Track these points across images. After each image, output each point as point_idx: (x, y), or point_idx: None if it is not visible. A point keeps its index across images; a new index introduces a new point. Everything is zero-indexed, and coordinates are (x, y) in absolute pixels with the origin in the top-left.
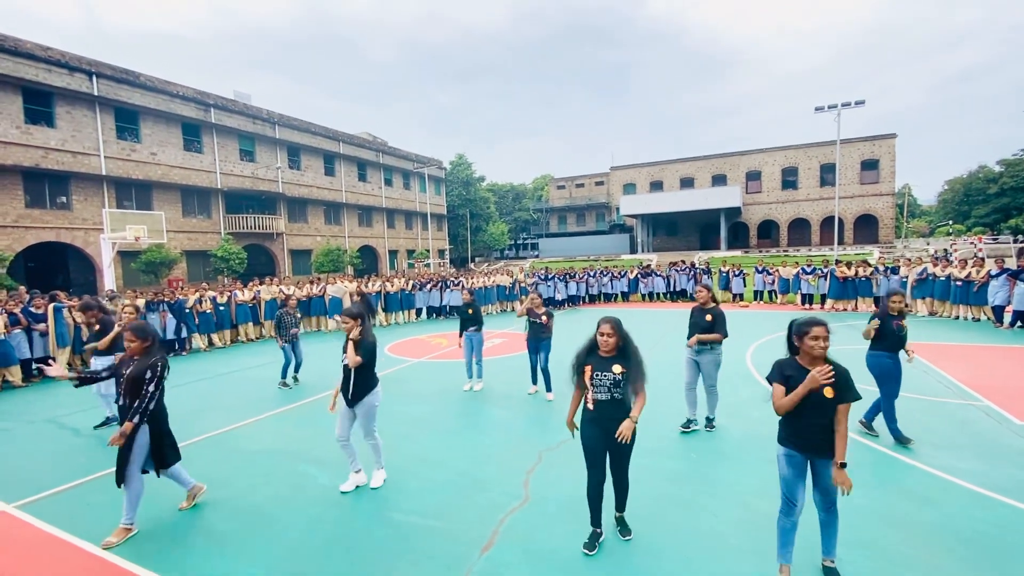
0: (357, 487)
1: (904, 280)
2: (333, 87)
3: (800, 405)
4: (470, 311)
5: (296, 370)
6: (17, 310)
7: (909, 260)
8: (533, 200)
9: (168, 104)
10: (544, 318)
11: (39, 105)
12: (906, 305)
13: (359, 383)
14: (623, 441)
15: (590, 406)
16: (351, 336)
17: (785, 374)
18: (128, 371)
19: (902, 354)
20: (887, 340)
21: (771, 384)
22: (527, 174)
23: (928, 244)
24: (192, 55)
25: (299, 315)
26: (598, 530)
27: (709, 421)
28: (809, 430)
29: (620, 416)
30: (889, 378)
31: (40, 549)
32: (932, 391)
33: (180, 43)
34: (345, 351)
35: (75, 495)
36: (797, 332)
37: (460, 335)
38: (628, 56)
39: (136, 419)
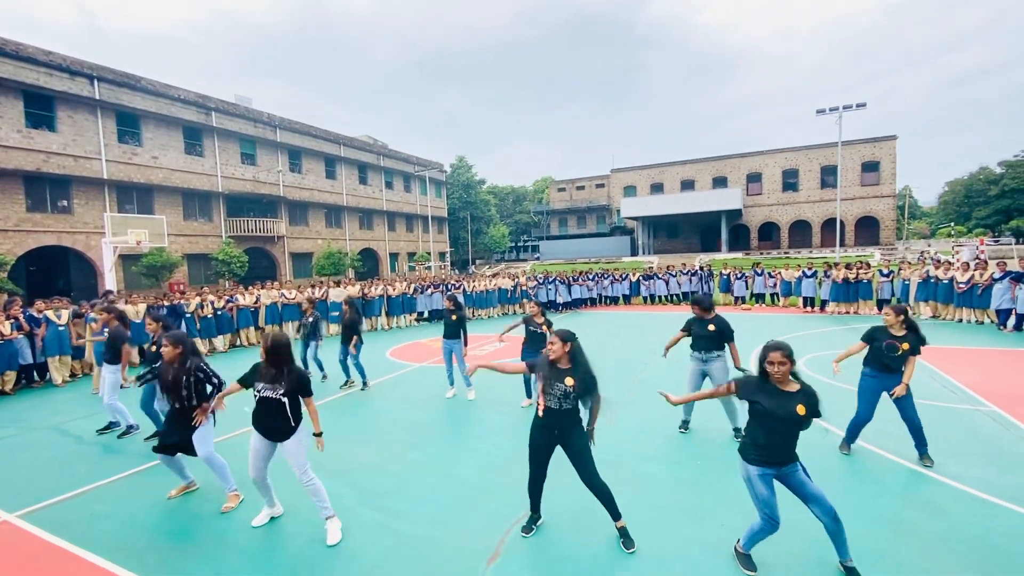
0: (272, 518)
1: (906, 283)
2: (334, 91)
3: (774, 423)
4: (454, 317)
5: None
6: (19, 315)
7: (910, 263)
8: (534, 202)
9: (169, 108)
10: (544, 327)
11: (40, 109)
12: (902, 319)
13: (296, 411)
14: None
15: (540, 413)
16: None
17: (752, 396)
18: (169, 376)
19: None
20: (872, 356)
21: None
22: (528, 176)
23: (929, 245)
24: (192, 59)
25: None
26: (535, 515)
27: (738, 431)
28: (781, 446)
29: (569, 425)
30: (861, 398)
31: (42, 560)
32: (938, 396)
33: (180, 47)
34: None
35: (77, 504)
36: (762, 357)
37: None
38: (629, 59)
39: (213, 399)
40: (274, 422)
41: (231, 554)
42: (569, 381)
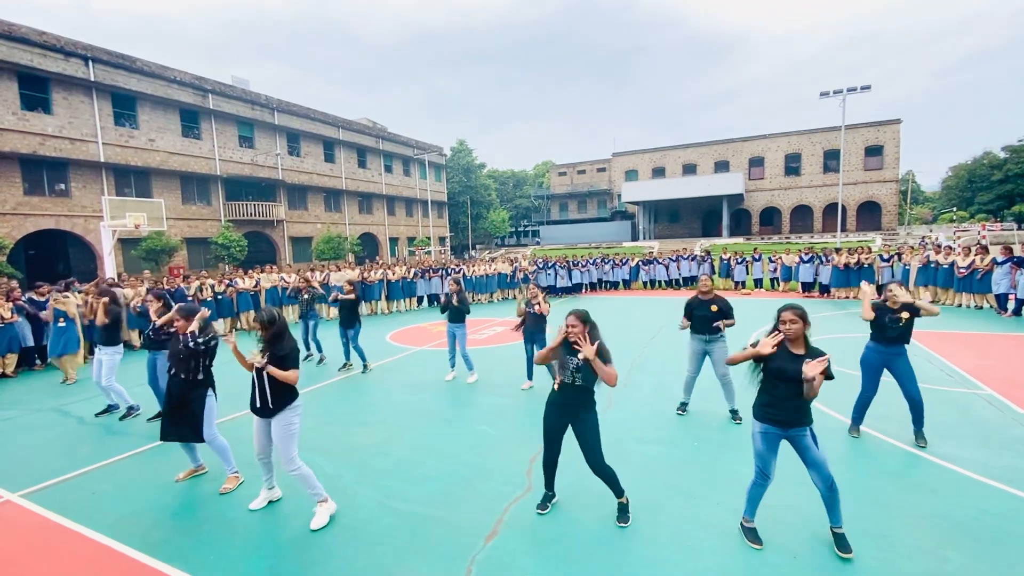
0: (269, 502)
1: (907, 268)
2: (332, 73)
3: (777, 380)
4: (456, 301)
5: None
6: (21, 298)
7: (911, 248)
8: (534, 187)
9: (165, 90)
10: (538, 307)
11: (35, 91)
12: (897, 294)
13: (275, 389)
14: (577, 345)
15: (556, 387)
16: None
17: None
18: (179, 347)
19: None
20: (877, 332)
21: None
22: (528, 160)
23: (931, 231)
24: (187, 40)
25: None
26: (550, 492)
27: (734, 413)
28: (787, 406)
29: (580, 402)
30: (864, 373)
31: (46, 537)
32: (935, 379)
33: (174, 27)
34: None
35: (81, 483)
36: (776, 319)
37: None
38: (630, 41)
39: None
40: (261, 392)
41: (233, 534)
42: (581, 355)
